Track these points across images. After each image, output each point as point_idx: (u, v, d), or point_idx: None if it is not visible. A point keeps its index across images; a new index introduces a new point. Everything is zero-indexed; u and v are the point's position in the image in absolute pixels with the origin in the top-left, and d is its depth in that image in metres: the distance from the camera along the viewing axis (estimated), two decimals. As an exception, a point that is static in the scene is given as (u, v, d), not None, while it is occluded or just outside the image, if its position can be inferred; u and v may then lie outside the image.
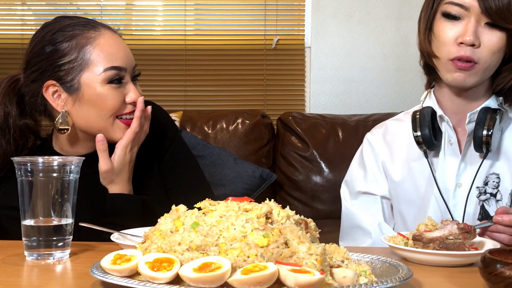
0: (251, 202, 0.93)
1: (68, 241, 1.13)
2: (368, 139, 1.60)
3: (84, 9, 3.50)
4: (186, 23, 3.45)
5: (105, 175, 1.41)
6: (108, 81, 1.38)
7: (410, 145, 1.48)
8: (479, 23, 1.32)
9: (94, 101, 1.39)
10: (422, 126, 1.41)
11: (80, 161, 1.14)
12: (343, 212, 1.58)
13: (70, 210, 1.13)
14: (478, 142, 1.36)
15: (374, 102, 3.36)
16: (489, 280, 0.90)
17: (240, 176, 2.74)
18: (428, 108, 1.44)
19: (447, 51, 1.36)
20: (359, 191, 1.55)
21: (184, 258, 0.84)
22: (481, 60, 1.32)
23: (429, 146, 1.42)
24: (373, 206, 1.53)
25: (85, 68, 1.38)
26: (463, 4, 1.32)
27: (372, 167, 1.55)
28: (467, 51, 1.32)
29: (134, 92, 1.42)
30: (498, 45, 1.32)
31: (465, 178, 1.42)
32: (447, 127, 1.44)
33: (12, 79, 1.47)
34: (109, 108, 1.39)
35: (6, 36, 3.47)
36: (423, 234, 1.13)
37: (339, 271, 0.85)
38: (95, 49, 1.39)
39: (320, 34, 3.36)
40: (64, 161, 1.11)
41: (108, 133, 1.42)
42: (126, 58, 1.42)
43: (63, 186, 1.11)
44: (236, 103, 3.38)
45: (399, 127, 1.56)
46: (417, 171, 1.48)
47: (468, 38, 1.31)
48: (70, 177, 1.12)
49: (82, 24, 1.42)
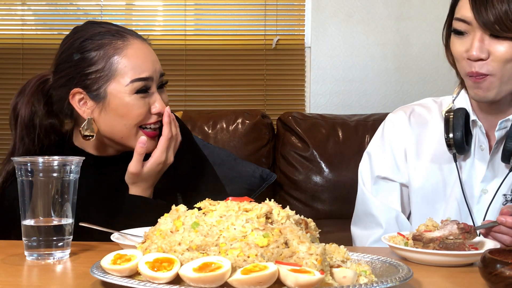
0: (251, 202, 0.93)
1: (68, 241, 1.12)
2: (391, 120, 1.53)
3: (84, 9, 3.50)
4: (186, 23, 3.45)
5: (131, 176, 1.42)
6: (134, 92, 1.39)
7: (438, 142, 1.44)
8: (484, 35, 1.29)
9: (120, 110, 1.39)
10: (456, 130, 1.37)
11: (80, 161, 1.14)
12: (359, 196, 1.53)
13: (70, 210, 1.12)
14: (507, 155, 1.33)
15: (374, 102, 3.36)
16: (489, 280, 0.90)
17: (240, 176, 2.74)
18: (462, 111, 1.40)
19: (461, 67, 1.35)
20: (378, 176, 1.50)
21: (184, 258, 0.84)
22: (493, 71, 1.29)
23: (459, 150, 1.39)
24: (391, 195, 1.49)
25: (111, 78, 1.38)
26: (465, 19, 1.31)
27: (393, 151, 1.50)
28: (475, 67, 1.30)
29: (159, 103, 1.42)
30: (509, 54, 1.28)
31: (492, 185, 1.39)
32: (479, 133, 1.40)
33: (41, 79, 1.48)
34: (134, 118, 1.40)
35: (6, 36, 3.47)
36: (423, 234, 1.13)
37: (339, 271, 0.85)
38: (122, 60, 1.39)
39: (320, 34, 3.36)
40: (64, 161, 1.11)
41: (129, 141, 1.42)
42: (153, 68, 1.42)
43: (63, 186, 1.11)
44: (236, 103, 3.38)
45: (427, 115, 1.51)
46: (443, 172, 1.45)
47: (474, 53, 1.28)
48: (70, 177, 1.12)
49: (111, 33, 1.42)
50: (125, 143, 1.43)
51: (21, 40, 3.45)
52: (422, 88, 3.29)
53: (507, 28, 1.26)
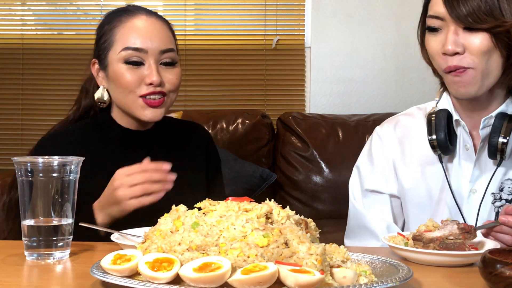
0: (251, 202, 0.93)
1: (68, 241, 1.13)
2: (378, 133, 1.55)
3: (84, 9, 3.50)
4: (186, 23, 3.45)
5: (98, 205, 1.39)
6: (125, 61, 1.47)
7: (423, 146, 1.45)
8: (458, 29, 1.30)
9: (114, 78, 1.49)
10: (438, 130, 1.38)
11: (80, 161, 1.15)
12: (350, 210, 1.54)
13: (70, 210, 1.12)
14: (493, 150, 1.33)
15: (374, 102, 3.36)
16: (489, 280, 0.90)
17: (240, 176, 2.74)
18: (444, 111, 1.40)
19: (438, 64, 1.35)
20: (367, 189, 1.52)
21: (184, 258, 0.84)
22: (473, 65, 1.29)
23: (444, 150, 1.39)
24: (382, 206, 1.50)
25: (110, 47, 1.50)
26: (438, 15, 1.32)
27: (381, 163, 1.52)
28: (453, 61, 1.30)
29: (154, 74, 1.47)
30: (484, 46, 1.28)
31: (480, 184, 1.39)
32: (463, 132, 1.41)
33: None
34: (124, 86, 1.48)
35: (6, 36, 3.47)
36: (423, 234, 1.13)
37: (339, 271, 0.85)
38: (121, 30, 1.50)
39: (320, 34, 3.36)
40: (64, 161, 1.11)
41: (134, 112, 1.49)
42: (150, 41, 1.48)
43: (63, 186, 1.11)
44: (236, 103, 3.38)
45: (412, 123, 1.52)
46: (430, 175, 1.45)
47: (449, 47, 1.29)
48: (70, 177, 1.12)
49: (124, 10, 1.55)
50: (132, 113, 1.50)
51: (21, 40, 3.45)
52: (422, 88, 3.29)
53: (480, 20, 1.27)
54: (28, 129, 3.45)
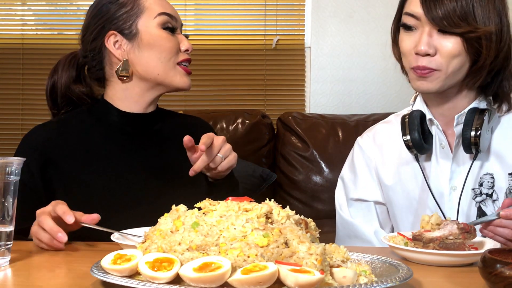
0: (251, 202, 0.93)
1: (9, 247, 1.05)
2: (359, 144, 1.58)
3: (84, 9, 3.49)
4: (186, 23, 3.45)
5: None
6: (162, 26, 1.49)
7: (401, 149, 1.46)
8: (432, 31, 1.32)
9: (152, 44, 1.48)
10: (412, 130, 1.40)
11: (21, 162, 1.07)
12: (338, 221, 1.56)
13: (10, 214, 1.04)
14: (467, 143, 1.35)
15: (374, 102, 3.36)
16: (489, 280, 0.90)
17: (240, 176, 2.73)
18: (417, 112, 1.43)
19: (408, 61, 1.38)
20: (352, 198, 1.54)
21: (184, 258, 0.84)
22: (439, 66, 1.32)
23: (419, 150, 1.41)
24: (368, 213, 1.52)
25: (140, 14, 1.49)
26: (415, 14, 1.34)
27: (363, 172, 1.54)
28: (423, 61, 1.33)
29: (187, 42, 1.53)
30: (455, 50, 1.31)
31: (459, 180, 1.40)
32: (437, 131, 1.42)
33: (71, 55, 1.62)
34: (167, 51, 1.49)
35: (6, 36, 3.47)
36: (423, 234, 1.13)
37: (339, 271, 0.85)
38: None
39: (320, 34, 3.36)
40: (5, 162, 1.04)
41: (168, 77, 1.50)
42: (176, 13, 1.55)
43: (6, 189, 1.03)
44: (236, 103, 3.38)
45: (389, 130, 1.55)
46: (409, 176, 1.47)
47: (422, 48, 1.32)
48: (10, 178, 1.05)
49: None
50: (162, 80, 1.50)
51: (21, 40, 3.45)
52: (422, 88, 3.29)
53: (454, 24, 1.29)
54: (28, 129, 3.44)
